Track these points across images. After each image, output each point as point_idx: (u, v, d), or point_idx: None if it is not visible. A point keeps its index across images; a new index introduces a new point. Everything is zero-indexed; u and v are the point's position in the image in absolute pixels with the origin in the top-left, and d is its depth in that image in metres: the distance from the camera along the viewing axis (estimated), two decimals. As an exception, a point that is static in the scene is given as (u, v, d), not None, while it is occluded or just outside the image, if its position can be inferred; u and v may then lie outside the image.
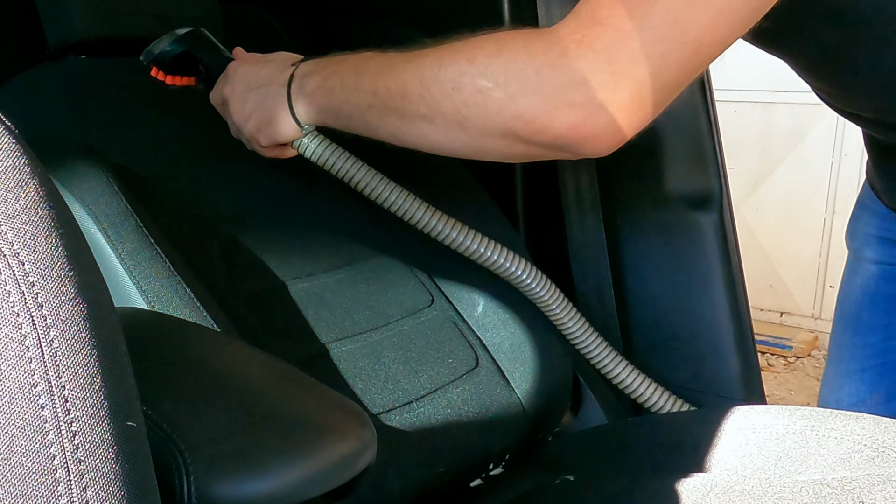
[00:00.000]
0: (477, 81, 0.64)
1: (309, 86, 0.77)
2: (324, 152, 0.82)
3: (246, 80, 0.81)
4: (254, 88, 0.80)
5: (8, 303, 0.29)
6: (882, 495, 0.59)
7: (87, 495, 0.30)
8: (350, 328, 0.85)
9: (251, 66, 0.82)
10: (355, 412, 0.50)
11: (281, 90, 0.78)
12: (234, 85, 0.82)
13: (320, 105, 0.76)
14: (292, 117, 0.78)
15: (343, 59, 0.75)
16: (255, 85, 0.80)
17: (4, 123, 0.31)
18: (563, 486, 0.79)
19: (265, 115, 0.79)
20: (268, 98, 0.79)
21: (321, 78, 0.76)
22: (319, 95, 0.76)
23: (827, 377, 1.04)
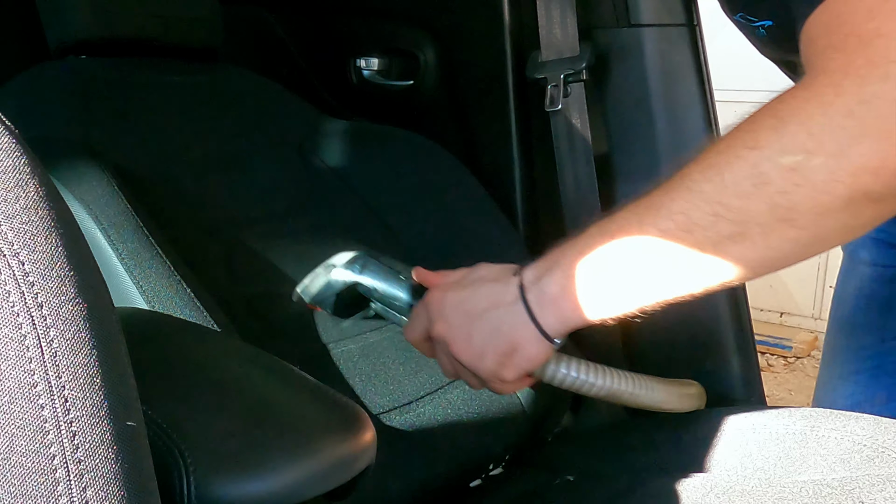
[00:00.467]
0: (781, 161, 0.51)
1: (551, 287, 0.61)
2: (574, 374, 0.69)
3: (462, 309, 0.66)
4: (478, 316, 0.65)
5: (8, 303, 0.29)
6: (882, 495, 0.59)
7: (87, 495, 0.30)
8: (350, 328, 0.85)
9: (462, 292, 0.67)
10: (355, 412, 0.50)
11: (517, 307, 0.63)
12: (447, 320, 0.67)
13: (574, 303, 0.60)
14: (542, 335, 0.62)
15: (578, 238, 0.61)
16: (478, 312, 0.65)
17: (4, 123, 0.31)
18: (563, 486, 0.79)
19: (506, 345, 0.64)
20: (503, 323, 0.63)
21: (564, 269, 0.61)
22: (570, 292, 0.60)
23: (821, 380, 1.04)
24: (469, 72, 1.12)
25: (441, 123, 1.15)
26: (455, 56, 1.14)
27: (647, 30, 0.95)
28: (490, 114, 1.10)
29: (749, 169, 0.52)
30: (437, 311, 0.67)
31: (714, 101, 0.99)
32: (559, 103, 0.96)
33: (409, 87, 1.18)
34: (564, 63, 0.96)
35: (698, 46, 0.96)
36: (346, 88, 1.24)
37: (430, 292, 0.70)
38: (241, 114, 1.03)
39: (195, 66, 1.04)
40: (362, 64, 1.22)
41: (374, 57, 1.22)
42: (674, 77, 0.96)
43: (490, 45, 1.07)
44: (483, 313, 0.65)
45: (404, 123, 1.11)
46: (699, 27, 0.97)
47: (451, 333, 0.66)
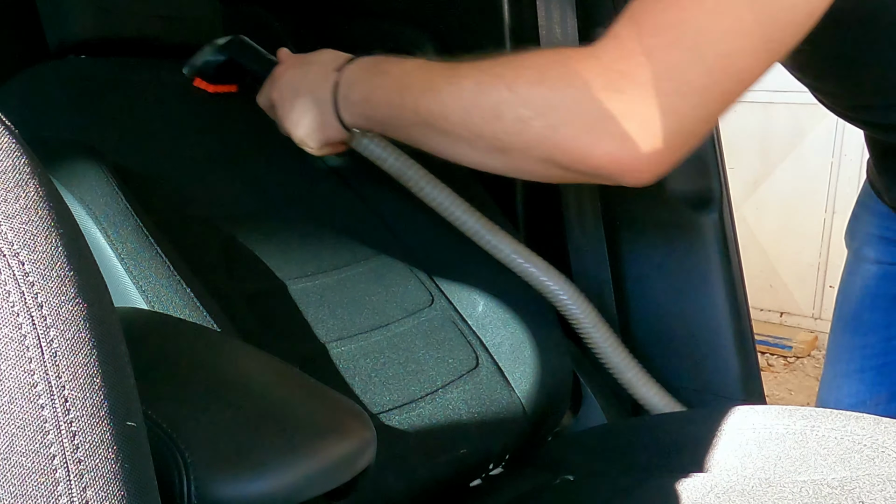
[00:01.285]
0: (517, 111, 0.63)
1: (354, 95, 0.78)
2: (379, 151, 0.84)
3: (292, 84, 0.83)
4: (300, 94, 0.82)
5: (8, 303, 0.29)
6: (882, 495, 0.59)
7: (87, 495, 0.30)
8: (350, 328, 0.85)
9: (296, 70, 0.84)
10: (355, 412, 0.50)
11: (327, 97, 0.80)
12: (280, 90, 0.85)
13: (366, 115, 0.78)
14: (340, 123, 0.81)
15: (386, 70, 0.76)
16: (301, 90, 0.82)
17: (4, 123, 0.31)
18: (563, 486, 0.79)
19: (313, 121, 0.81)
20: (315, 105, 0.81)
21: (366, 89, 0.77)
22: (365, 107, 0.77)
23: (826, 378, 1.04)
24: (469, 72, 1.12)
25: (441, 123, 1.15)
26: (455, 56, 1.14)
27: (647, 30, 0.95)
28: (490, 114, 1.09)
29: (496, 104, 0.65)
30: (277, 83, 0.86)
31: (714, 101, 0.99)
32: (559, 103, 0.96)
33: (409, 87, 1.18)
34: (564, 63, 0.96)
35: (698, 46, 0.96)
36: (346, 88, 1.24)
37: (278, 66, 0.88)
38: (240, 113, 1.03)
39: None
40: (362, 64, 1.22)
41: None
42: (674, 77, 0.96)
43: (490, 45, 1.07)
44: (304, 94, 0.82)
45: (404, 123, 1.11)
46: (699, 27, 0.97)
47: (279, 101, 0.85)
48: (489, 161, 0.70)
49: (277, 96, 0.85)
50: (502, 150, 0.67)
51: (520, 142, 0.65)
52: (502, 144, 0.66)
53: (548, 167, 0.66)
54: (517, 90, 0.64)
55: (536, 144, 0.64)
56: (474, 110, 0.66)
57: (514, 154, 0.66)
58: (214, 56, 0.93)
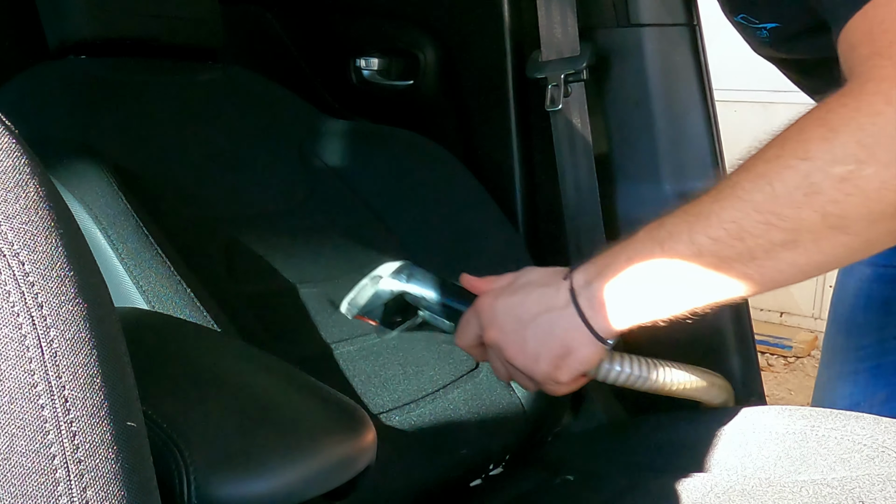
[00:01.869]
0: (832, 171, 0.52)
1: (601, 291, 0.63)
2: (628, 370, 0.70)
3: (513, 314, 0.67)
4: (530, 321, 0.66)
5: (8, 303, 0.29)
6: (882, 495, 0.59)
7: (87, 495, 0.30)
8: (350, 329, 0.85)
9: (512, 297, 0.68)
10: (356, 412, 0.50)
11: (569, 311, 0.64)
12: (499, 326, 0.68)
13: (627, 304, 0.62)
14: (594, 337, 0.64)
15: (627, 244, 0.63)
16: (530, 316, 0.66)
17: (4, 123, 0.31)
18: (563, 486, 0.79)
19: (559, 348, 0.65)
20: (555, 326, 0.65)
21: (612, 273, 0.62)
22: (621, 294, 0.62)
23: (821, 380, 1.04)
24: (469, 72, 1.12)
25: (441, 123, 1.15)
26: (455, 56, 1.14)
27: (647, 30, 0.95)
28: (490, 114, 1.10)
29: (800, 179, 0.53)
30: (489, 317, 0.68)
31: (714, 101, 0.99)
32: (559, 103, 0.96)
33: (409, 87, 1.18)
34: (565, 63, 0.96)
35: (698, 46, 0.96)
36: (346, 88, 1.24)
37: (481, 298, 0.71)
38: (240, 114, 1.03)
39: (195, 66, 1.04)
40: (362, 64, 1.22)
41: (374, 57, 1.22)
42: (674, 77, 0.96)
43: (490, 45, 1.07)
44: (535, 317, 0.66)
45: (404, 123, 1.11)
46: (699, 27, 0.97)
47: (504, 339, 0.67)
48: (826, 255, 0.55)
49: (497, 333, 0.68)
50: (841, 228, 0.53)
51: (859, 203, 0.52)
52: (837, 220, 0.53)
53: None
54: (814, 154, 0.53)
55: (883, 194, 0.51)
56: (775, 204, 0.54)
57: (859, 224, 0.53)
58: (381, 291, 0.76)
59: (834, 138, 0.52)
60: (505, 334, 0.67)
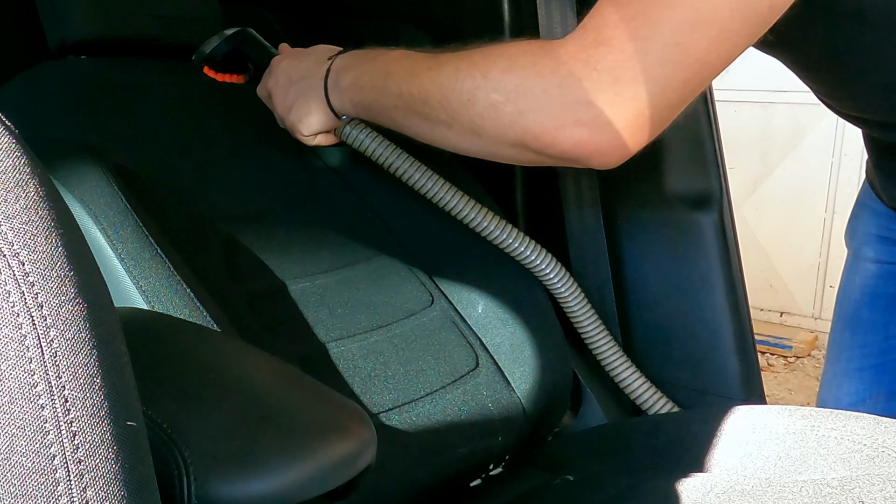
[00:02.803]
0: (490, 96, 0.67)
1: (343, 81, 0.82)
2: (365, 139, 0.87)
3: (287, 73, 0.87)
4: (294, 81, 0.86)
5: (8, 303, 0.29)
6: (882, 495, 0.59)
7: (87, 495, 0.30)
8: (350, 328, 0.85)
9: (292, 60, 0.88)
10: (355, 412, 0.50)
11: (318, 83, 0.84)
12: (276, 78, 0.88)
13: (353, 100, 0.81)
14: (330, 109, 0.84)
15: (374, 58, 0.80)
16: (295, 78, 0.86)
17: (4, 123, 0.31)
18: (563, 486, 0.79)
19: (305, 107, 0.85)
20: (307, 91, 0.84)
21: (354, 75, 0.81)
22: (352, 91, 0.81)
23: (826, 377, 1.04)
24: (469, 72, 1.12)
25: (441, 123, 1.15)
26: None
27: (647, 30, 0.95)
28: (490, 114, 1.09)
29: (471, 88, 0.68)
30: (274, 72, 0.89)
31: (714, 101, 0.99)
32: (559, 103, 0.96)
33: (409, 86, 1.18)
34: (564, 63, 0.96)
35: (698, 46, 0.96)
36: (346, 88, 1.24)
37: (276, 57, 0.92)
38: (240, 113, 1.03)
39: (195, 66, 1.04)
40: (362, 64, 1.22)
41: (374, 57, 1.22)
42: (674, 77, 0.96)
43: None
44: (298, 80, 0.86)
45: (404, 123, 1.11)
46: (699, 27, 0.96)
47: (275, 89, 0.89)
48: (465, 144, 0.73)
49: (273, 84, 0.89)
50: (477, 134, 0.70)
51: (492, 126, 0.68)
52: (477, 128, 0.69)
53: (520, 151, 0.69)
54: (490, 76, 0.67)
55: (507, 129, 0.67)
56: (451, 94, 0.70)
57: (488, 138, 0.70)
58: (221, 45, 0.97)
59: (508, 72, 0.66)
60: (276, 87, 0.88)
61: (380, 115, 0.80)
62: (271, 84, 0.89)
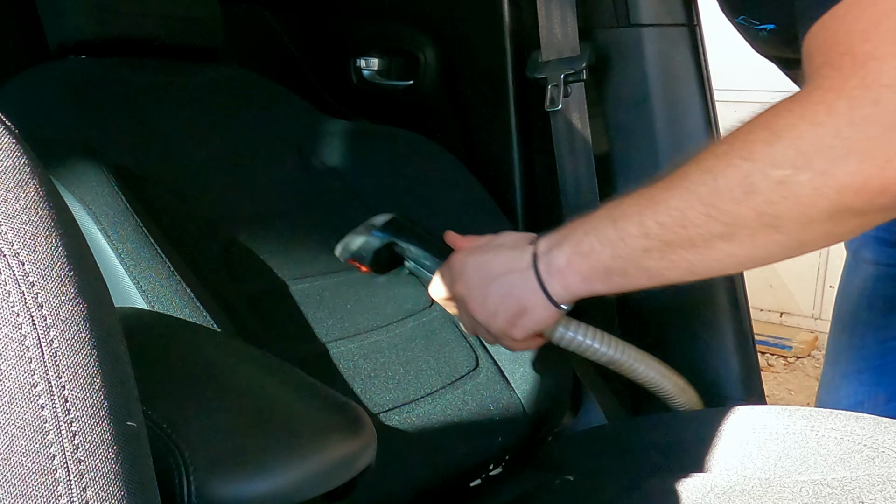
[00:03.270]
0: (771, 174, 0.55)
1: (559, 259, 0.68)
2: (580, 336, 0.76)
3: (481, 272, 0.73)
4: (493, 279, 0.72)
5: (8, 303, 0.29)
6: (882, 495, 0.59)
7: (87, 495, 0.30)
8: (350, 328, 0.85)
9: (482, 256, 0.74)
10: (355, 412, 0.50)
11: (528, 274, 0.70)
12: (466, 280, 0.74)
13: (582, 274, 0.67)
14: (549, 300, 0.69)
15: (586, 220, 0.67)
16: (493, 275, 0.72)
17: (4, 123, 0.31)
18: (563, 486, 0.79)
19: (516, 307, 0.71)
20: (514, 287, 0.71)
21: (572, 245, 0.67)
22: (577, 264, 0.67)
23: (825, 378, 1.04)
24: (469, 72, 1.12)
25: (441, 123, 1.15)
26: (455, 56, 1.14)
27: (647, 30, 0.95)
28: (490, 114, 1.10)
29: (741, 178, 0.56)
30: (459, 271, 0.75)
31: (714, 101, 0.99)
32: (559, 103, 0.96)
33: (409, 87, 1.18)
34: (564, 63, 0.96)
35: (698, 46, 0.96)
36: (346, 88, 1.24)
37: (455, 254, 0.77)
38: (240, 114, 1.03)
39: (195, 66, 1.04)
40: (362, 64, 1.22)
41: (374, 57, 1.22)
42: (674, 77, 0.96)
43: (490, 45, 1.07)
44: (498, 277, 0.72)
45: (404, 123, 1.11)
46: (699, 27, 0.97)
47: (468, 293, 0.74)
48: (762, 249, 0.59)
49: (463, 287, 0.74)
50: (775, 227, 0.57)
51: (793, 207, 0.55)
52: (771, 219, 0.56)
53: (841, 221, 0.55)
54: (757, 156, 0.56)
55: (816, 200, 0.54)
56: (717, 198, 0.57)
57: (791, 226, 0.56)
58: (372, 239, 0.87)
59: (776, 142, 0.55)
60: (470, 289, 0.74)
61: (625, 274, 0.65)
62: (461, 288, 0.74)
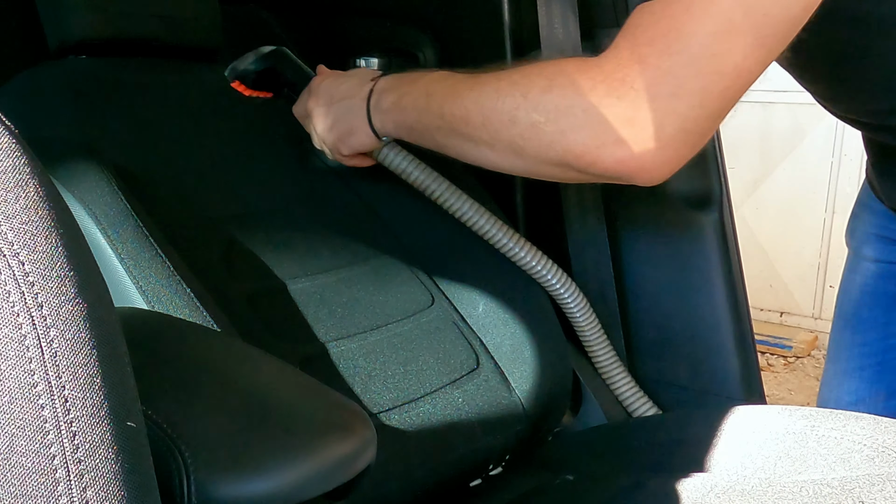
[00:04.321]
0: (531, 116, 0.67)
1: (385, 102, 0.82)
2: (402, 162, 0.89)
3: (329, 93, 0.87)
4: (336, 101, 0.86)
5: (8, 303, 0.29)
6: (882, 495, 0.59)
7: (87, 495, 0.30)
8: (350, 328, 0.85)
9: (334, 81, 0.88)
10: (355, 412, 0.50)
11: (361, 104, 0.83)
12: (317, 98, 0.88)
13: (395, 121, 0.81)
14: (371, 129, 0.84)
15: (416, 79, 0.80)
16: (337, 98, 0.86)
17: (4, 123, 0.31)
18: (563, 486, 0.79)
19: (346, 127, 0.85)
20: (349, 111, 0.84)
21: (396, 96, 0.81)
22: (394, 112, 0.81)
23: (826, 376, 1.04)
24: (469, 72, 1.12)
25: (441, 123, 1.15)
26: (455, 56, 1.14)
27: (647, 30, 0.95)
28: (490, 114, 1.09)
29: (512, 109, 0.69)
30: (315, 90, 0.89)
31: (714, 101, 0.99)
32: (559, 103, 0.96)
33: (409, 86, 1.18)
34: (564, 63, 0.96)
35: (698, 46, 0.96)
36: (346, 88, 1.24)
37: (315, 77, 0.92)
38: (240, 114, 1.03)
39: (195, 66, 1.04)
40: (362, 64, 1.22)
41: (374, 57, 1.22)
42: (674, 77, 0.96)
43: (490, 45, 1.07)
44: (341, 99, 0.86)
45: (404, 123, 1.11)
46: (699, 27, 0.97)
47: (315, 109, 0.88)
48: (508, 163, 0.73)
49: (313, 104, 0.88)
50: (519, 154, 0.70)
51: (534, 146, 0.68)
52: (518, 148, 0.70)
53: (563, 170, 0.69)
54: (530, 96, 0.68)
55: (549, 148, 0.67)
56: (493, 114, 0.70)
57: (530, 158, 0.70)
58: (256, 63, 0.97)
59: (547, 93, 0.67)
60: (317, 106, 0.88)
61: (422, 135, 0.80)
62: (311, 104, 0.89)
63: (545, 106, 0.67)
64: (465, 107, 0.73)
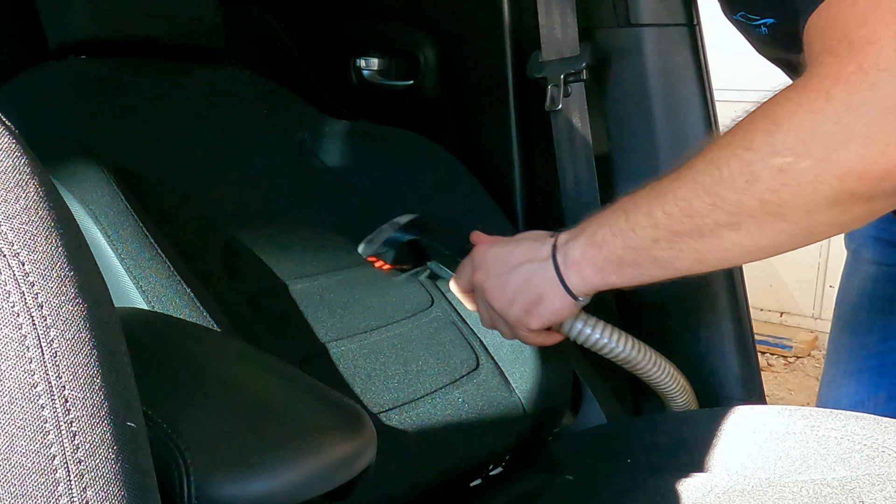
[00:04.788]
0: (771, 162, 0.55)
1: (575, 251, 0.69)
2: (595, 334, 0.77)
3: (501, 261, 0.75)
4: (514, 268, 0.74)
5: (8, 303, 0.29)
6: (882, 495, 0.59)
7: (87, 495, 0.30)
8: (350, 328, 0.85)
9: (503, 248, 0.76)
10: (355, 412, 0.50)
11: (547, 264, 0.71)
12: (486, 269, 0.76)
13: (595, 265, 0.68)
14: (565, 290, 0.71)
15: (601, 213, 0.69)
16: (514, 265, 0.74)
17: (4, 123, 0.31)
18: (563, 486, 0.79)
19: (533, 296, 0.72)
20: (533, 276, 0.72)
21: (586, 237, 0.69)
22: (591, 254, 0.68)
23: (825, 378, 1.04)
24: (469, 72, 1.12)
25: (441, 123, 1.15)
26: (455, 56, 1.14)
27: (647, 30, 0.95)
28: (490, 114, 1.10)
29: (743, 167, 0.57)
30: (481, 261, 0.77)
31: (714, 101, 0.99)
32: (559, 103, 0.96)
33: (409, 87, 1.18)
34: (565, 63, 0.96)
35: (698, 46, 0.96)
36: (346, 88, 1.24)
37: (477, 247, 0.79)
38: (240, 114, 1.03)
39: (195, 66, 1.04)
40: (362, 64, 1.22)
41: (374, 57, 1.22)
42: (674, 77, 0.96)
43: (490, 45, 1.07)
44: (518, 266, 0.73)
45: (404, 123, 1.11)
46: (699, 27, 0.97)
47: (488, 282, 0.75)
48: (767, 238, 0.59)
49: (483, 276, 0.76)
50: (779, 215, 0.57)
51: (793, 193, 0.55)
52: (774, 207, 0.56)
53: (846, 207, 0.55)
54: (756, 146, 0.56)
55: (816, 187, 0.54)
56: (721, 188, 0.58)
57: (795, 211, 0.56)
58: (397, 236, 0.88)
59: (776, 131, 0.55)
60: (489, 277, 0.75)
61: (636, 264, 0.66)
62: (480, 276, 0.76)
63: (783, 144, 0.54)
64: (679, 198, 0.61)
